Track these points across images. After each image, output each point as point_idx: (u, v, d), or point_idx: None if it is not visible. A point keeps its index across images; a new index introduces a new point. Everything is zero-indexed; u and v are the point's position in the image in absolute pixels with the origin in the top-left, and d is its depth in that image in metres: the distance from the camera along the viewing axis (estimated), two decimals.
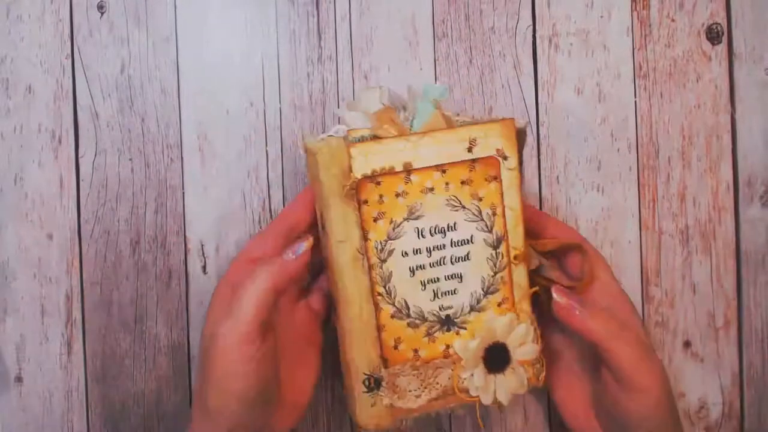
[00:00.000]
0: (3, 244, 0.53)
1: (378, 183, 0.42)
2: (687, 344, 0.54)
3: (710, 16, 0.54)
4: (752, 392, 0.54)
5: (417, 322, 0.43)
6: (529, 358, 0.44)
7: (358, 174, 0.41)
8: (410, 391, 0.44)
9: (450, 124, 0.43)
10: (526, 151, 0.53)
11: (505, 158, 0.43)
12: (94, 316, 0.53)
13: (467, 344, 0.43)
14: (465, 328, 0.44)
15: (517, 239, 0.44)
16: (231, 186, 0.53)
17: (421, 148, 0.42)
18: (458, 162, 0.42)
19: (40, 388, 0.53)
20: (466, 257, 0.43)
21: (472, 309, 0.44)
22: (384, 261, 0.42)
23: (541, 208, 0.54)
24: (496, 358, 0.44)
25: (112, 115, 0.53)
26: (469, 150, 0.42)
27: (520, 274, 0.44)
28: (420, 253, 0.43)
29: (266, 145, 0.53)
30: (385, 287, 0.43)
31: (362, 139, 0.42)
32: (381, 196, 0.42)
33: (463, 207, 0.43)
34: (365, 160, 0.41)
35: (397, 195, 0.42)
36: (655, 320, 0.54)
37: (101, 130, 0.53)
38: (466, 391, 0.44)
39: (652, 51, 0.54)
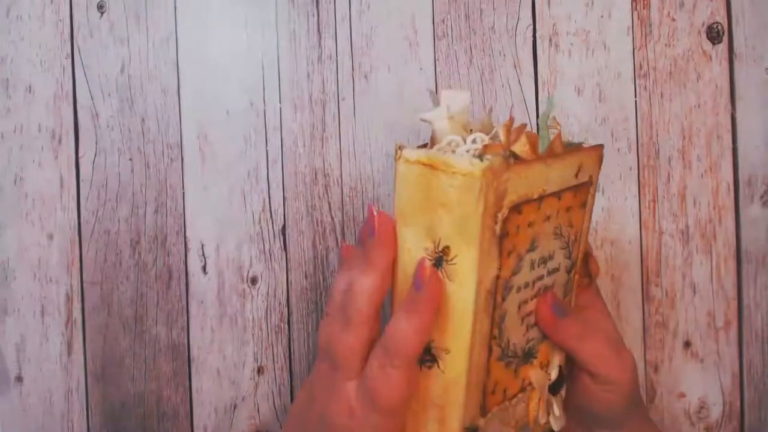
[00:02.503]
0: (3, 244, 0.53)
1: (520, 212, 0.35)
2: (687, 344, 0.54)
3: (711, 15, 0.54)
4: (752, 392, 0.54)
5: (511, 359, 0.38)
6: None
7: (507, 203, 0.34)
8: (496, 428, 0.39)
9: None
10: None
11: (592, 183, 0.39)
12: (94, 316, 0.53)
13: (543, 374, 0.40)
14: (536, 357, 0.40)
15: (579, 263, 0.41)
16: (231, 186, 0.53)
17: (552, 171, 0.36)
18: (568, 188, 0.38)
19: (40, 387, 0.53)
20: (552, 286, 0.39)
21: (544, 337, 0.40)
22: (504, 299, 0.36)
23: None
24: (556, 383, 0.41)
25: (112, 115, 0.53)
26: (576, 176, 0.38)
27: (574, 312, 0.41)
28: (528, 287, 0.38)
29: (266, 145, 0.53)
30: (499, 327, 0.37)
31: (508, 161, 0.34)
32: (518, 228, 0.35)
33: (561, 235, 0.39)
34: (515, 185, 0.34)
35: (529, 225, 0.36)
36: (655, 320, 0.54)
37: (101, 130, 0.53)
38: (537, 419, 0.40)
39: (653, 50, 0.54)
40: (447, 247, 0.35)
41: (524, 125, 0.36)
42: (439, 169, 0.34)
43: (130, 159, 0.53)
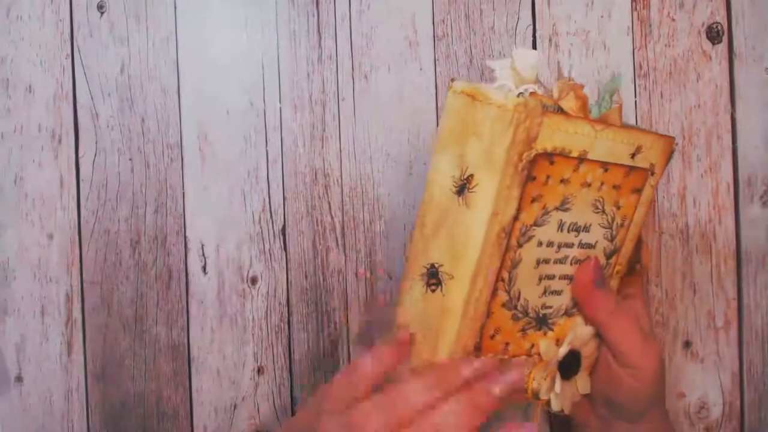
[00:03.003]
0: (3, 244, 0.53)
1: (552, 162, 0.37)
2: (687, 344, 0.54)
3: (710, 15, 0.54)
4: (752, 392, 0.54)
5: (520, 315, 0.40)
6: (590, 367, 0.42)
7: (539, 146, 0.36)
8: None
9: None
10: None
11: (652, 174, 0.40)
12: (94, 316, 0.53)
13: (554, 348, 0.41)
14: (552, 330, 0.41)
15: (625, 255, 0.42)
16: (231, 186, 0.53)
17: (600, 139, 0.37)
18: (620, 165, 0.39)
19: (40, 387, 0.53)
20: (584, 261, 0.40)
21: (566, 312, 0.41)
22: (521, 246, 0.38)
23: None
24: (568, 365, 0.41)
25: (112, 114, 0.53)
26: (632, 156, 0.39)
27: (612, 289, 0.42)
28: (552, 246, 0.39)
29: (266, 145, 0.53)
30: (509, 273, 0.38)
31: (547, 109, 0.36)
32: (548, 178, 0.37)
33: (603, 211, 0.40)
34: (551, 134, 0.36)
35: (562, 181, 0.37)
36: (655, 320, 0.54)
37: (101, 130, 0.53)
38: (537, 393, 0.40)
39: (652, 50, 0.54)
40: (471, 176, 0.37)
41: (581, 85, 0.37)
42: (478, 99, 0.36)
43: (130, 159, 0.53)
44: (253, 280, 0.53)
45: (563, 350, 0.41)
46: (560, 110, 0.37)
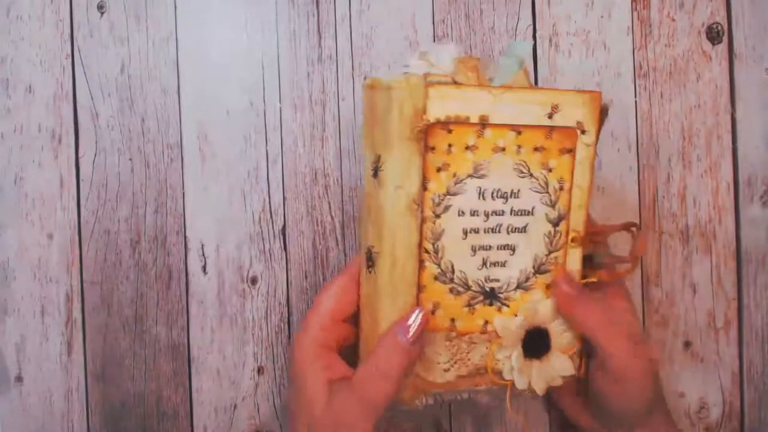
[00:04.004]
0: (3, 244, 0.53)
1: (449, 131, 0.38)
2: (687, 344, 0.54)
3: (710, 15, 0.54)
4: (752, 392, 0.54)
5: (460, 289, 0.40)
6: (569, 348, 0.41)
7: (431, 117, 0.37)
8: (439, 363, 0.40)
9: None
10: None
11: (583, 132, 0.40)
12: (94, 316, 0.53)
13: (508, 322, 0.40)
14: (508, 306, 0.41)
15: (578, 221, 0.41)
16: (231, 186, 0.53)
17: (502, 103, 0.38)
18: (536, 126, 0.39)
19: (40, 388, 0.53)
20: (523, 229, 0.40)
21: (518, 286, 0.41)
22: (438, 216, 0.39)
23: None
24: (536, 343, 0.41)
25: (112, 114, 0.53)
26: (550, 116, 0.39)
27: (575, 259, 0.41)
28: (477, 215, 0.39)
29: (266, 145, 0.53)
30: (433, 245, 0.39)
31: (441, 83, 0.38)
32: (450, 146, 0.38)
33: (531, 175, 0.40)
34: (442, 104, 0.37)
35: (467, 148, 0.38)
36: (655, 320, 0.54)
37: (101, 130, 0.53)
38: (500, 373, 0.41)
39: (653, 51, 0.54)
40: (379, 156, 0.39)
41: (475, 58, 0.40)
42: (375, 87, 0.40)
43: (130, 159, 0.53)
44: (253, 280, 0.53)
45: (515, 323, 0.40)
46: (456, 83, 0.39)
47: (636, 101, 0.54)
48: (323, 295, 0.43)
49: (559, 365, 0.41)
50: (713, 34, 0.54)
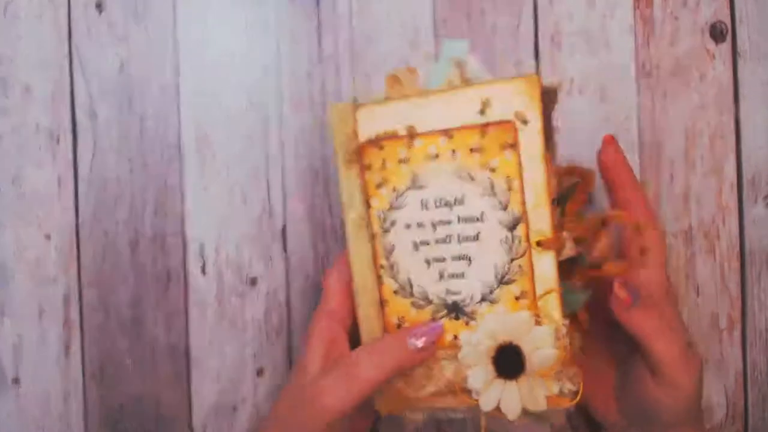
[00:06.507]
0: (0, 245, 0.52)
1: (381, 147, 0.39)
2: (690, 345, 0.54)
3: (714, 14, 0.53)
4: (756, 393, 0.54)
5: (421, 302, 0.39)
6: (547, 367, 0.37)
7: (362, 138, 0.39)
8: (416, 378, 0.39)
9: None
10: None
11: (525, 122, 0.36)
12: (92, 317, 0.53)
13: (470, 337, 0.38)
14: (475, 320, 0.39)
15: (540, 221, 0.37)
16: (231, 186, 0.53)
17: (426, 109, 0.38)
18: (467, 126, 0.37)
19: (37, 389, 0.53)
20: (476, 237, 0.38)
21: (483, 299, 0.38)
22: (387, 231, 0.39)
23: None
24: (509, 361, 0.37)
25: (111, 114, 0.53)
26: (481, 112, 0.37)
27: (546, 265, 0.37)
28: (424, 226, 0.39)
29: (266, 146, 0.53)
30: (387, 260, 0.40)
31: (368, 104, 0.39)
32: (384, 162, 0.39)
33: (472, 179, 0.37)
34: (371, 124, 0.39)
35: (400, 161, 0.39)
36: None
37: (100, 130, 0.53)
38: (469, 392, 0.38)
39: (655, 49, 0.53)
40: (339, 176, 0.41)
41: (402, 70, 0.40)
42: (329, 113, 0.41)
43: (129, 159, 0.53)
44: (253, 281, 0.53)
45: (475, 337, 0.38)
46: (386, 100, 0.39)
47: (638, 100, 0.54)
48: (343, 261, 0.43)
49: (536, 388, 0.37)
50: (717, 33, 0.53)
